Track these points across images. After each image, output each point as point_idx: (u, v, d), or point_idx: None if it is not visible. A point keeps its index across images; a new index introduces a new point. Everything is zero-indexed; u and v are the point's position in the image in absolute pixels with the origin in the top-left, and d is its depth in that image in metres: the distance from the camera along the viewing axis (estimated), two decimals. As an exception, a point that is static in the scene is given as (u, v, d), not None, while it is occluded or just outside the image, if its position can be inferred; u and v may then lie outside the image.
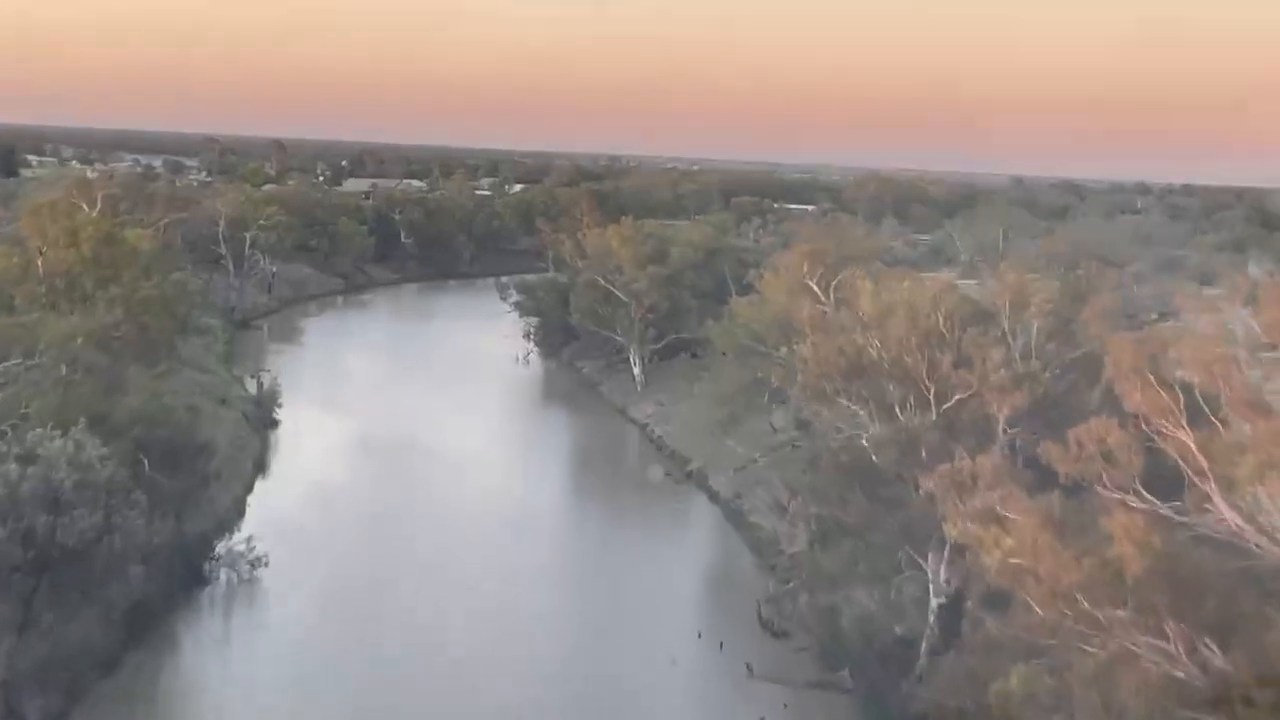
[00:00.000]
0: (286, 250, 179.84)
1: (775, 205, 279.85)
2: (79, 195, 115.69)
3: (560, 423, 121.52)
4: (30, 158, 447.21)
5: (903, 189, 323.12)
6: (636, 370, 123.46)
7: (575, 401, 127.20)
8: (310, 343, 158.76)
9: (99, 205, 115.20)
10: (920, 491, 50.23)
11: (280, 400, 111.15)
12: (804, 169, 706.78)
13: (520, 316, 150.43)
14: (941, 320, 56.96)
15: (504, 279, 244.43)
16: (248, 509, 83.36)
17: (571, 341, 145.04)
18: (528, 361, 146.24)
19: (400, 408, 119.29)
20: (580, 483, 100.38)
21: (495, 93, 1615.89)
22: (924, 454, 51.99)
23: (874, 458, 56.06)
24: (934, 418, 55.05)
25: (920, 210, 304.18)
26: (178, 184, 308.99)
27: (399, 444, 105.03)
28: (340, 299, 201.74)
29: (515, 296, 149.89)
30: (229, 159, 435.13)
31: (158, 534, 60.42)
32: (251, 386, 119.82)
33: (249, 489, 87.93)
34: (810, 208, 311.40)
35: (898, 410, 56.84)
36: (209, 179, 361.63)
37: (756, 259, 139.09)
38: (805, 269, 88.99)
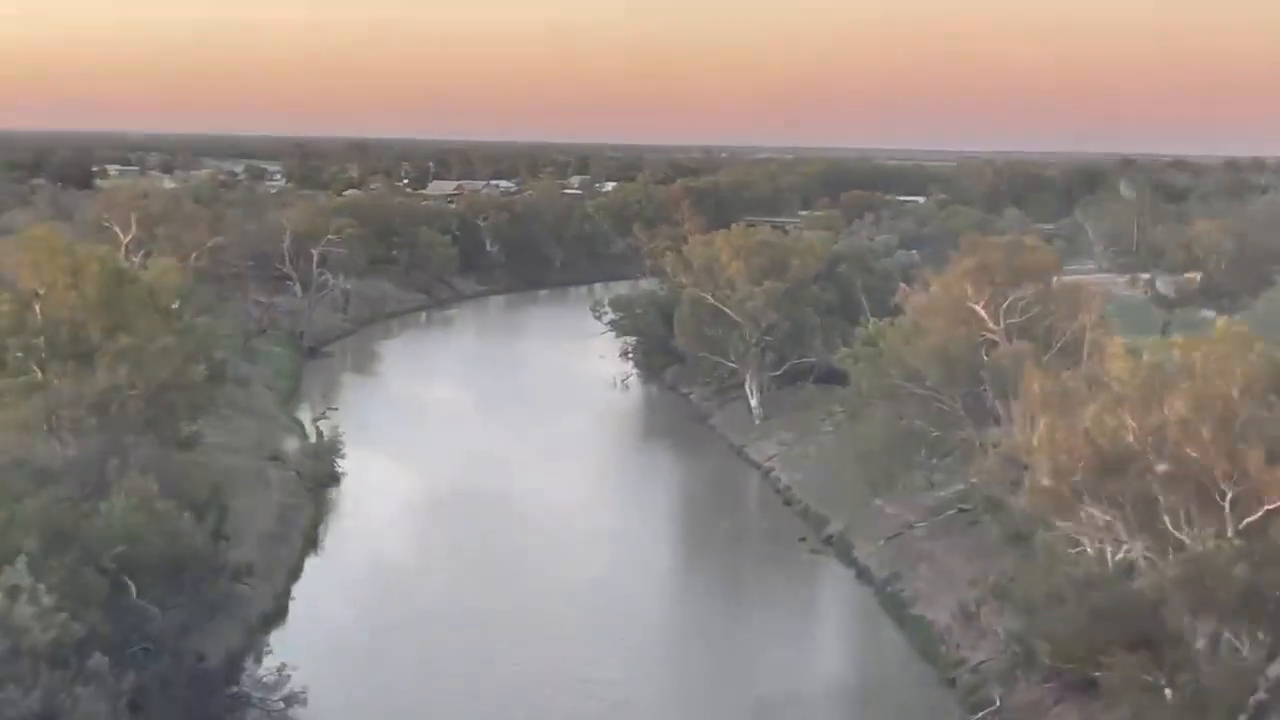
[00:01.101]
0: (361, 265, 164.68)
1: (886, 198, 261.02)
2: (110, 217, 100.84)
3: (667, 466, 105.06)
4: (111, 167, 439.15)
5: (1020, 175, 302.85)
6: (753, 400, 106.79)
7: (683, 437, 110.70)
8: (386, 370, 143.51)
9: (132, 229, 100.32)
10: (1219, 650, 33.30)
11: (343, 450, 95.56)
12: (899, 155, 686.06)
13: (617, 336, 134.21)
14: (1239, 390, 39.67)
15: (597, 286, 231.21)
16: (290, 610, 67.59)
17: (675, 363, 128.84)
18: (626, 386, 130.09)
19: (483, 452, 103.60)
20: (695, 548, 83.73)
21: (584, 86, 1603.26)
22: (1223, 595, 34.95)
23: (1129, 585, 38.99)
24: (1232, 538, 37.98)
25: (1040, 197, 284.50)
26: (256, 191, 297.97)
27: (479, 502, 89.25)
28: (423, 316, 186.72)
29: (610, 314, 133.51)
30: (312, 164, 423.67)
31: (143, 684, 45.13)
32: (314, 431, 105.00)
33: (294, 576, 72.23)
34: (921, 199, 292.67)
35: (1169, 522, 39.79)
36: (289, 184, 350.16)
37: (886, 267, 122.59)
38: (970, 288, 71.87)
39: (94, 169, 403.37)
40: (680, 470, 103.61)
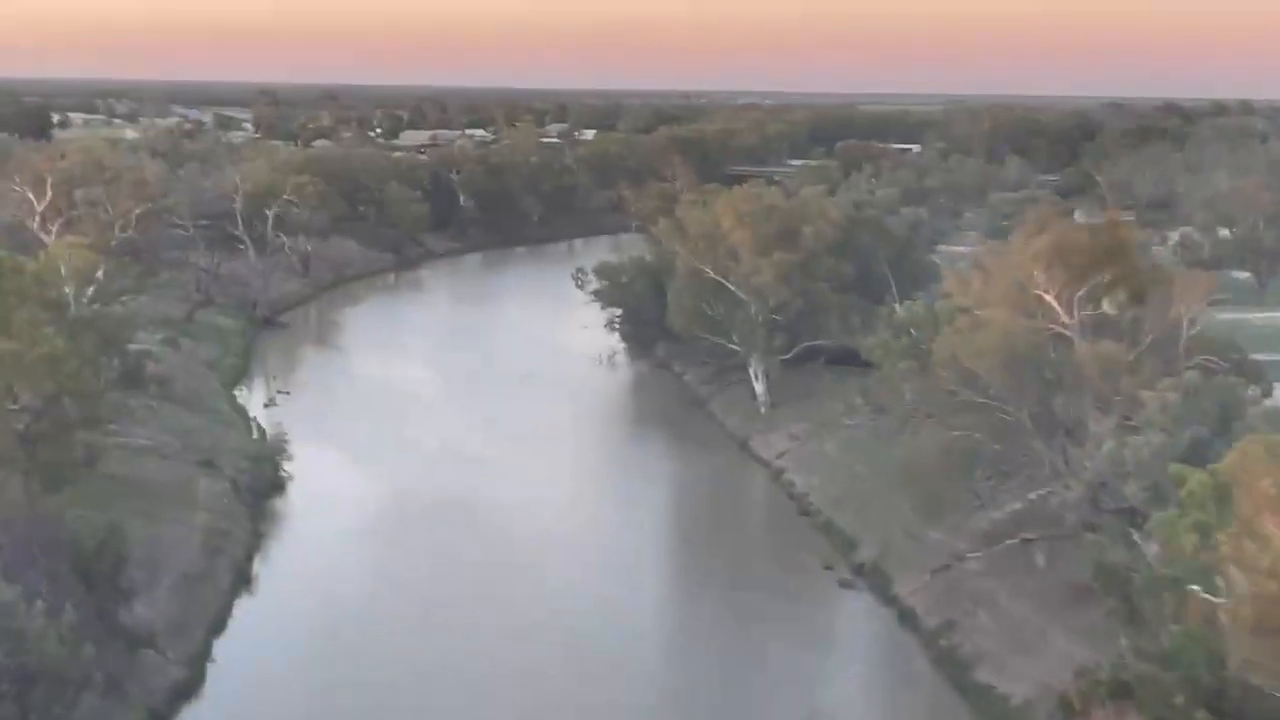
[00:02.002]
0: (323, 225, 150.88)
1: (881, 147, 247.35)
2: (21, 181, 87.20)
3: (661, 463, 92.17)
4: (75, 116, 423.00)
5: (1017, 121, 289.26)
6: (759, 387, 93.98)
7: (678, 426, 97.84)
8: (346, 343, 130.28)
9: (47, 195, 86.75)
10: None
11: (290, 449, 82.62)
12: (881, 100, 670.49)
13: (602, 308, 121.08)
14: None
15: (577, 243, 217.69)
16: (207, 679, 54.64)
17: (667, 337, 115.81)
18: (613, 364, 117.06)
19: (452, 445, 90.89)
20: (697, 575, 71.01)
21: (560, 31, 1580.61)
22: None
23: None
24: None
25: (1039, 145, 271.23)
26: (220, 142, 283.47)
27: (446, 514, 76.46)
28: (391, 278, 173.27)
29: (594, 283, 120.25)
30: (283, 111, 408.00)
31: None
32: (259, 425, 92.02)
33: (218, 629, 59.21)
34: (915, 147, 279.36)
35: None
36: (257, 135, 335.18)
37: (909, 235, 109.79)
38: (1041, 273, 59.02)
39: (56, 119, 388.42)
40: (676, 468, 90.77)
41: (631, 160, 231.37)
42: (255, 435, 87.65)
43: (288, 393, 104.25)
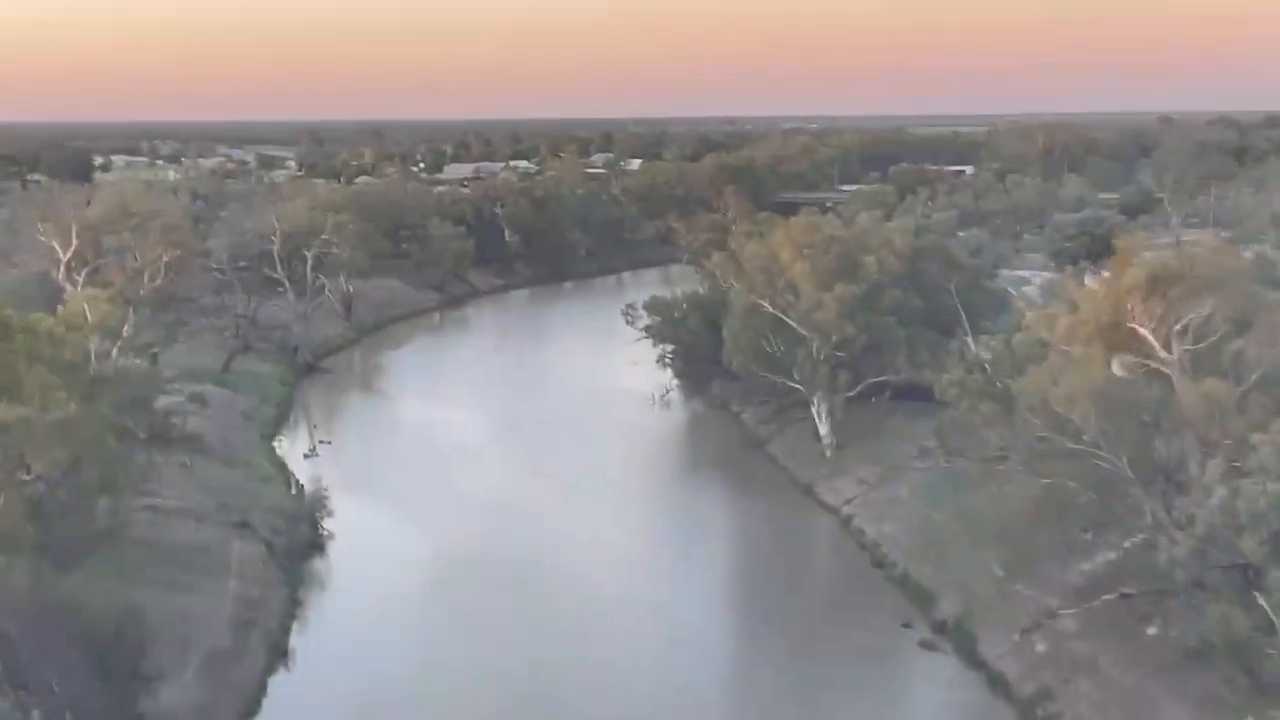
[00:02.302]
0: (365, 264, 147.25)
1: (935, 169, 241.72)
2: (46, 228, 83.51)
3: (721, 511, 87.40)
4: (118, 158, 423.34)
5: (1072, 138, 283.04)
6: (822, 427, 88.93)
7: (737, 470, 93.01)
8: (391, 388, 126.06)
9: (73, 242, 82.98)
10: None
11: (331, 505, 78.32)
12: (929, 121, 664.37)
13: (654, 345, 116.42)
14: None
15: (626, 275, 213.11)
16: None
17: (722, 374, 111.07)
18: (666, 403, 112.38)
19: (502, 496, 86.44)
20: (766, 633, 65.93)
21: (602, 59, 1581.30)
22: None
23: None
24: None
25: (1097, 162, 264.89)
26: (263, 181, 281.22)
27: (497, 574, 71.85)
28: (436, 317, 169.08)
29: (645, 319, 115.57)
30: (327, 148, 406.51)
31: None
32: (299, 478, 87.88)
33: (248, 716, 54.66)
34: (969, 169, 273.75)
35: None
36: (300, 173, 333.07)
37: (976, 262, 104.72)
38: (1136, 305, 53.98)
39: (98, 161, 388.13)
40: (737, 517, 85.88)
41: (679, 189, 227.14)
42: (294, 491, 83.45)
43: (329, 442, 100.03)
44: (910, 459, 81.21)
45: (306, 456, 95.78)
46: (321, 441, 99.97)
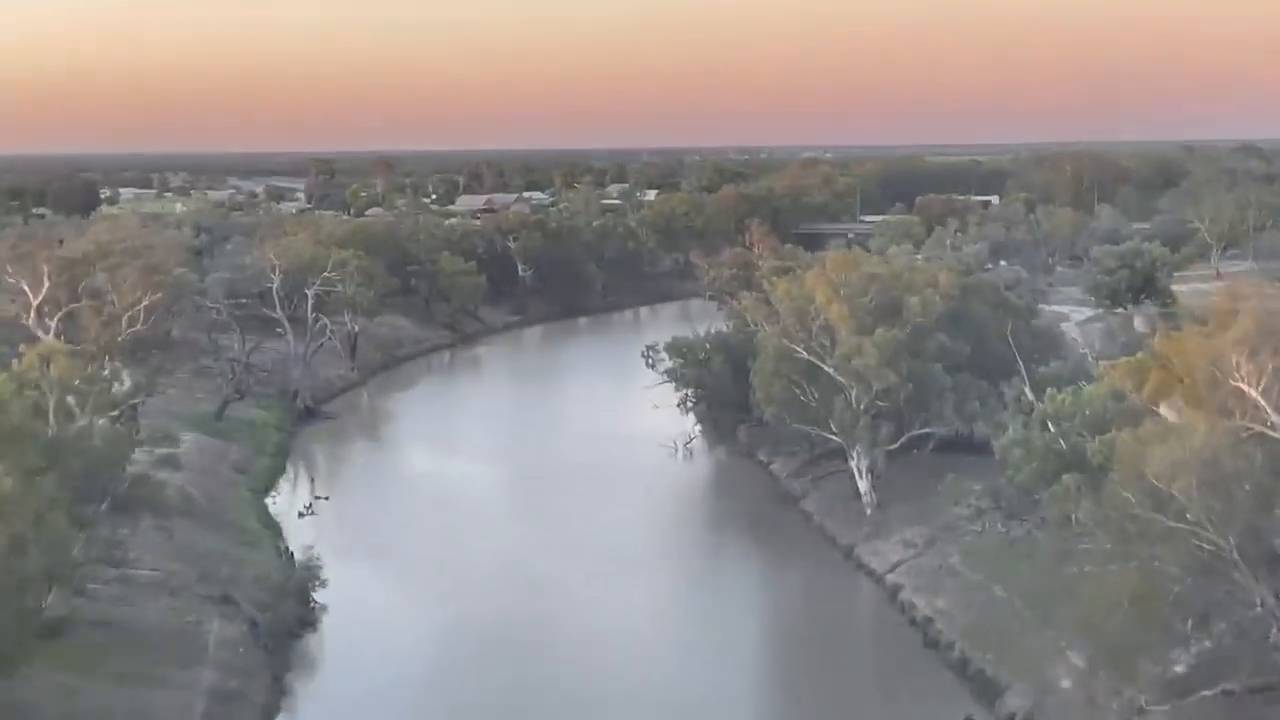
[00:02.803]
0: (371, 302, 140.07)
1: (962, 199, 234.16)
2: (16, 270, 76.47)
3: (753, 579, 79.84)
4: (127, 191, 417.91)
5: (1102, 168, 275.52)
6: (862, 484, 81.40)
7: (768, 530, 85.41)
8: (397, 436, 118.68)
9: (44, 284, 75.92)
10: None
11: (325, 574, 70.94)
12: (944, 150, 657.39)
13: (676, 389, 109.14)
14: None
15: (643, 310, 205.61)
16: None
17: (749, 420, 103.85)
18: (689, 452, 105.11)
19: (515, 561, 79.11)
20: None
21: (618, 90, 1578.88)
22: None
23: None
24: None
25: (1129, 191, 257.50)
26: (272, 211, 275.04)
27: (507, 654, 64.38)
28: (446, 357, 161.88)
29: (667, 360, 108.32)
30: (338, 180, 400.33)
31: None
32: (292, 541, 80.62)
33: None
34: (994, 199, 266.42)
35: None
36: (309, 206, 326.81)
37: (1025, 302, 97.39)
38: (1242, 361, 46.52)
39: (105, 194, 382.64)
40: (771, 584, 78.30)
41: (698, 221, 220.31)
42: (284, 557, 76.09)
43: (327, 498, 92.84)
44: (960, 520, 73.62)
45: (302, 515, 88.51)
46: (318, 497, 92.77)
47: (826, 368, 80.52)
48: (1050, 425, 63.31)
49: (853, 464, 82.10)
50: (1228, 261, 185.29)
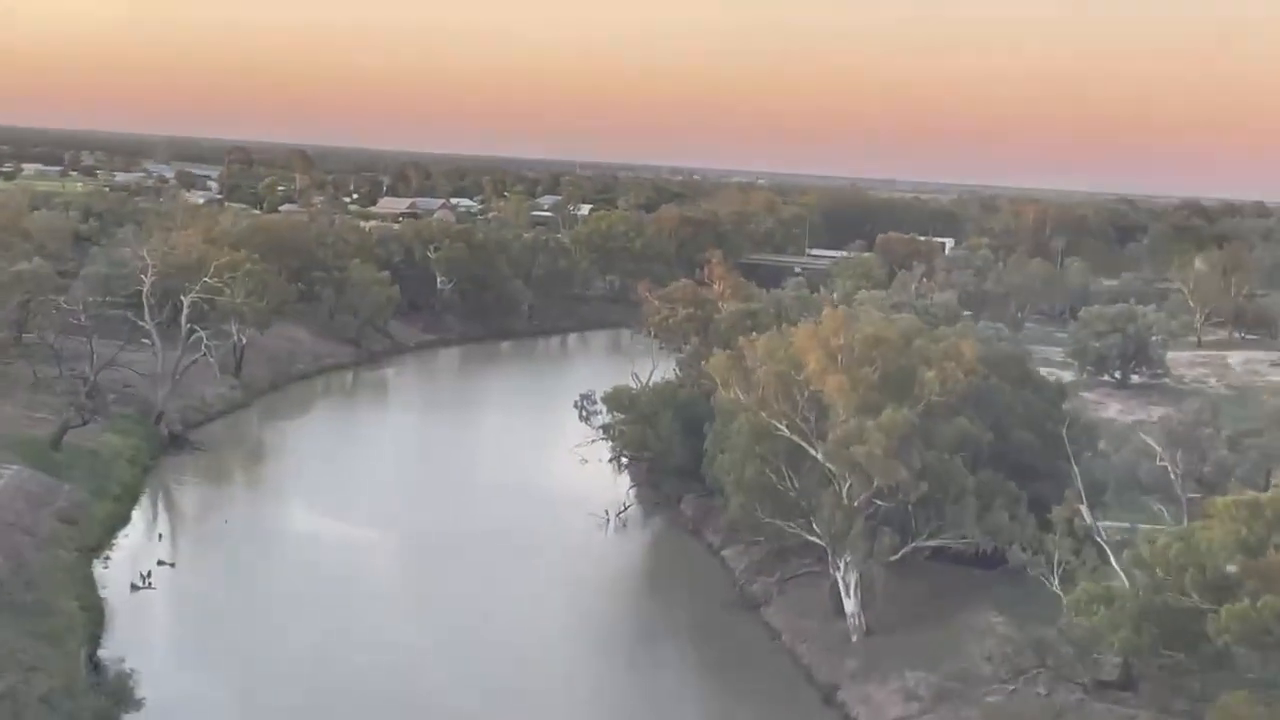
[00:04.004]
0: (264, 312, 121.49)
1: (922, 240, 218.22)
2: None
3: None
4: (30, 167, 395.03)
5: (1065, 217, 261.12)
6: (850, 602, 64.18)
7: (718, 651, 67.59)
8: (275, 476, 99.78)
9: None
10: None
11: (140, 692, 52.67)
12: (878, 185, 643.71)
13: (612, 446, 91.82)
14: None
15: (572, 337, 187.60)
16: None
17: (696, 487, 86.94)
18: (623, 523, 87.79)
19: (397, 668, 61.03)
20: None
21: (552, 99, 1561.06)
22: None
23: None
24: None
25: (1091, 244, 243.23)
26: (178, 197, 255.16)
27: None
28: (349, 377, 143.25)
29: (602, 414, 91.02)
30: (256, 170, 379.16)
31: None
32: (108, 632, 62.14)
33: None
34: (948, 241, 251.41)
35: None
36: (219, 196, 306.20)
37: (1049, 379, 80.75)
38: None
39: (5, 167, 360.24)
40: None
41: (637, 242, 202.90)
42: (92, 664, 57.48)
43: (172, 564, 74.22)
44: (981, 664, 56.71)
45: (136, 588, 69.88)
46: (162, 563, 74.03)
47: (815, 453, 63.24)
48: (1135, 569, 46.52)
49: (837, 575, 64.74)
50: (1208, 328, 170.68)
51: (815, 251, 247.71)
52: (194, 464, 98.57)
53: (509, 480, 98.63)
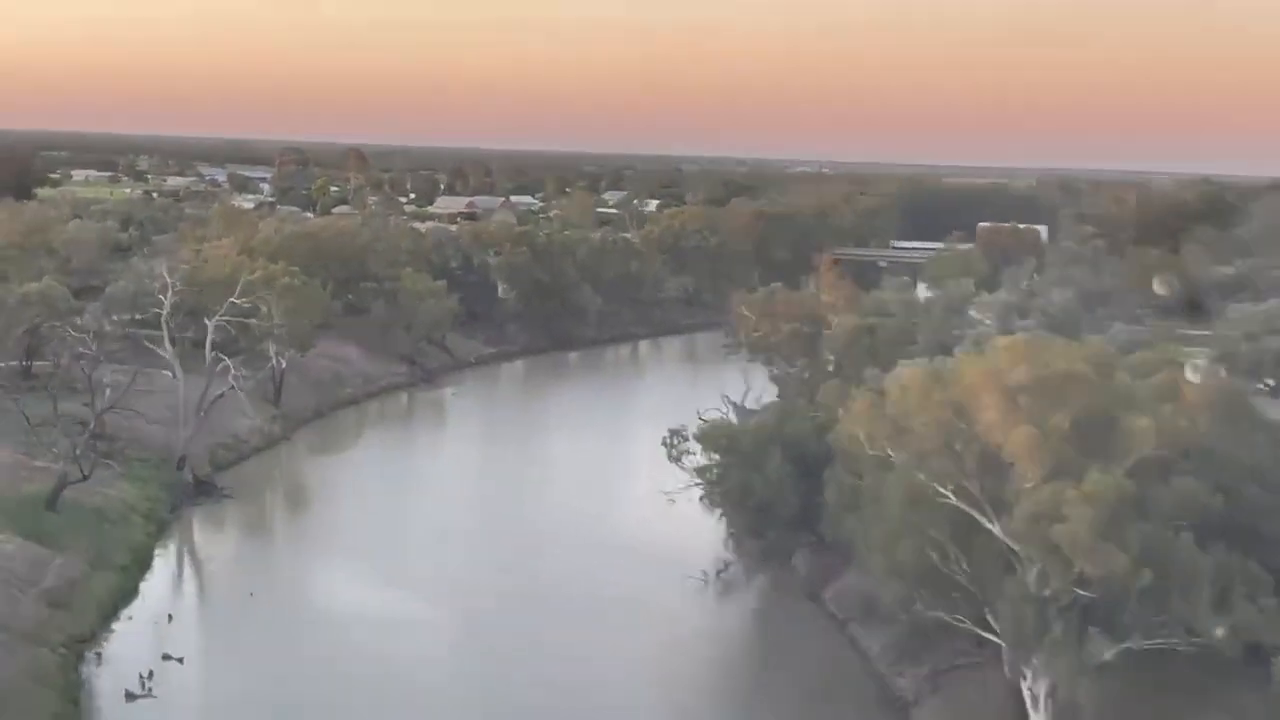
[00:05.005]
0: (304, 333, 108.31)
1: (1024, 229, 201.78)
2: None
3: None
4: (80, 173, 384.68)
5: (1168, 201, 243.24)
6: (1038, 714, 49.08)
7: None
8: (313, 532, 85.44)
9: None
10: None
11: None
12: (941, 171, 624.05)
13: (706, 487, 77.40)
14: None
15: (643, 344, 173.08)
16: None
17: (806, 534, 72.75)
18: (720, 581, 73.53)
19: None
20: None
21: (608, 90, 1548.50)
22: None
23: None
24: None
25: (1202, 230, 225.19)
26: (225, 202, 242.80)
27: None
28: (404, 399, 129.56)
29: (696, 454, 76.67)
30: (310, 171, 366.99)
31: None
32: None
33: None
34: (1041, 229, 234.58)
35: None
36: (271, 199, 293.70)
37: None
38: None
39: (55, 175, 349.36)
40: None
41: (711, 241, 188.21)
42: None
43: (180, 660, 60.35)
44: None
45: (133, 697, 56.19)
46: (167, 657, 60.24)
47: (992, 528, 48.54)
48: None
49: (1022, 683, 49.94)
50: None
51: (900, 244, 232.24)
52: (221, 516, 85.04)
53: (585, 527, 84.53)
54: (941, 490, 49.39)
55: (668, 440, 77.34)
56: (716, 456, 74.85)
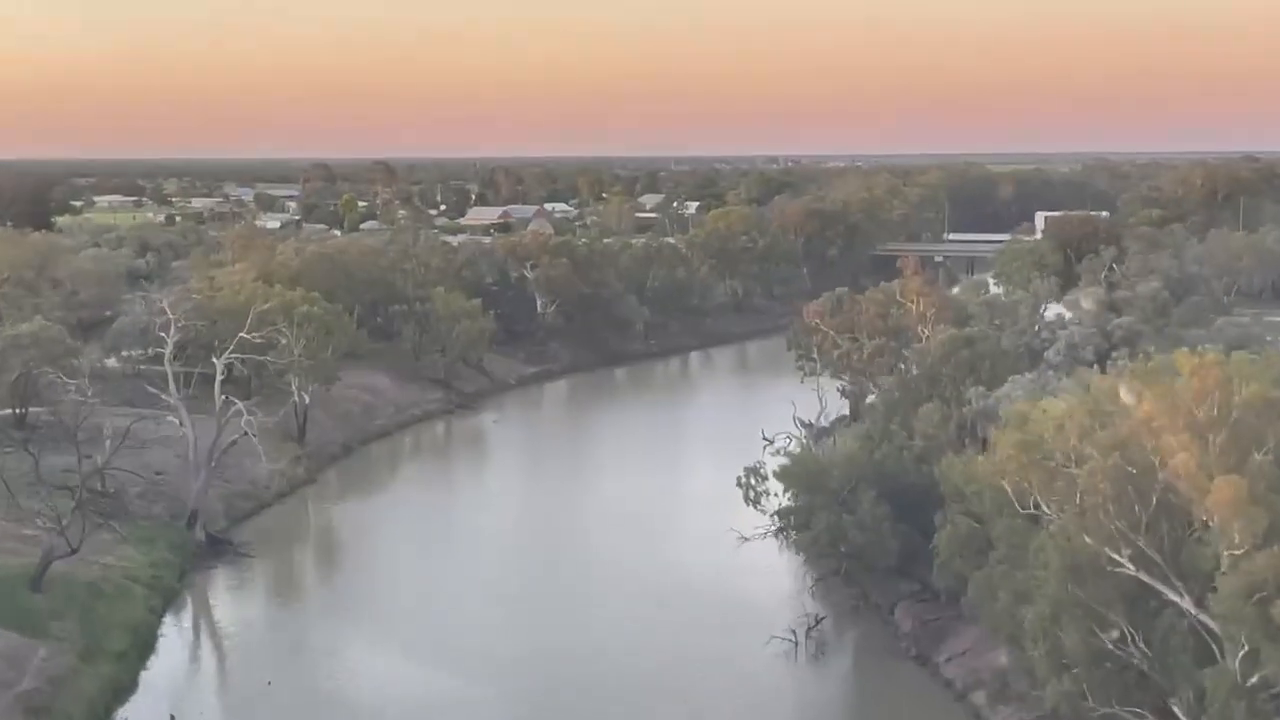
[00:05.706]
0: (328, 367, 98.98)
1: (1098, 215, 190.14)
2: None
3: None
4: (104, 199, 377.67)
5: (1235, 179, 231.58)
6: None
7: None
8: (340, 597, 74.92)
9: None
10: None
11: None
12: (996, 159, 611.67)
13: (788, 532, 67.33)
14: None
15: (694, 356, 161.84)
16: None
17: (914, 589, 62.83)
18: (811, 641, 63.21)
19: None
20: None
21: (637, 93, 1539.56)
22: None
23: None
24: None
25: (1271, 208, 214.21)
26: (249, 222, 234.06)
27: None
28: (440, 429, 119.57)
29: (773, 493, 66.60)
30: (337, 187, 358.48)
31: None
32: None
33: None
34: (1104, 214, 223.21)
35: None
36: (298, 217, 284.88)
37: None
38: None
39: (78, 203, 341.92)
40: None
41: (760, 242, 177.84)
42: None
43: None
44: None
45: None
46: (167, 773, 50.37)
47: (1180, 600, 38.16)
48: None
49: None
50: None
51: (954, 236, 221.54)
52: (236, 580, 75.20)
53: (649, 578, 74.31)
54: (1115, 556, 39.02)
55: (743, 480, 67.17)
56: (796, 494, 64.76)
